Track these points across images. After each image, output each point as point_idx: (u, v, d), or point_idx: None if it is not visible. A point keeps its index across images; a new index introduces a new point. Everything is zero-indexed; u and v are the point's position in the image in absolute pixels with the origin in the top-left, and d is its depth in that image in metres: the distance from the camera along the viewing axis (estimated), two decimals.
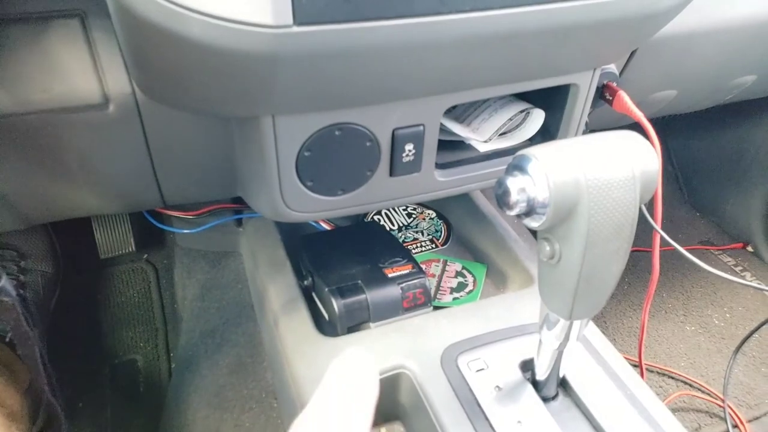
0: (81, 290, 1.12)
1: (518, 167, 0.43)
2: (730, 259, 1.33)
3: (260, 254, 0.74)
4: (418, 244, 0.80)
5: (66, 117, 0.49)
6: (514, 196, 0.42)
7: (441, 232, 0.82)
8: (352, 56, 0.42)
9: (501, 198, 0.43)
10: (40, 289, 0.98)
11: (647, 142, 0.44)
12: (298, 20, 0.38)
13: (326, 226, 0.80)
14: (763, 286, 0.74)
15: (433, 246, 0.80)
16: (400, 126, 0.52)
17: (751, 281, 1.26)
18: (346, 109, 0.49)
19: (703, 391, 1.01)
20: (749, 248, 1.35)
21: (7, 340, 0.81)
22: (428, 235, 0.82)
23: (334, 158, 0.52)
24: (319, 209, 0.56)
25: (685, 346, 1.11)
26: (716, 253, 1.35)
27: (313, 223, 0.80)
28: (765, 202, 1.31)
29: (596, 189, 0.41)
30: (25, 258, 0.96)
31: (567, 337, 0.50)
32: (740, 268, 1.30)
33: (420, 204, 0.87)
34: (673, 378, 1.04)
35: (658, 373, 1.05)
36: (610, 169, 0.41)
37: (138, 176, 0.57)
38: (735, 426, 0.94)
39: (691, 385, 1.02)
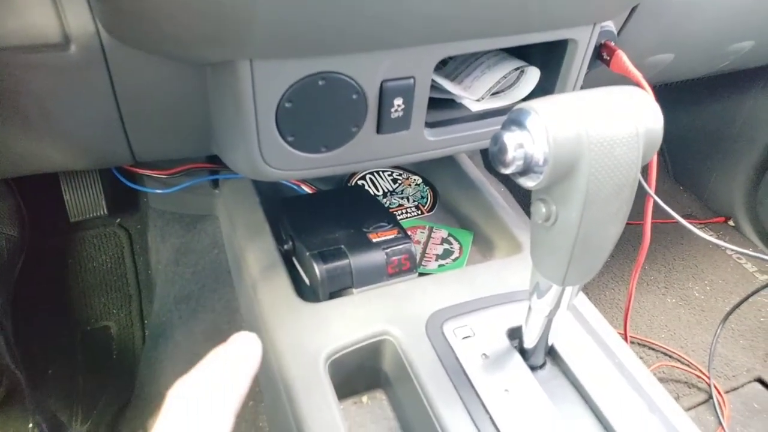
0: (50, 255, 1.07)
1: (516, 122, 0.40)
2: (712, 232, 1.34)
3: (238, 217, 0.70)
4: (404, 210, 0.77)
5: (22, 57, 0.44)
6: (511, 153, 0.39)
7: (427, 199, 0.79)
8: None
9: (497, 155, 0.40)
10: (4, 253, 0.94)
11: (652, 98, 0.42)
12: None
13: (308, 189, 0.77)
14: (745, 251, 0.73)
15: (419, 212, 0.77)
16: (389, 78, 0.49)
17: (731, 254, 1.27)
18: (331, 56, 0.45)
19: (682, 362, 1.01)
20: (731, 222, 1.35)
21: None
22: (414, 201, 0.79)
23: (317, 111, 0.49)
24: (301, 167, 0.52)
25: (666, 317, 1.11)
26: (698, 226, 1.35)
27: (294, 186, 0.77)
28: (747, 177, 1.31)
29: (598, 146, 0.39)
30: None
31: (558, 305, 0.49)
32: (721, 241, 1.30)
33: (406, 169, 0.84)
34: (653, 349, 1.04)
35: (639, 344, 1.05)
36: (614, 126, 0.39)
37: (105, 128, 0.52)
38: (711, 396, 0.95)
39: (671, 356, 1.03)
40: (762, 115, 1.25)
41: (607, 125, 0.39)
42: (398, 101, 0.51)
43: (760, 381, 0.99)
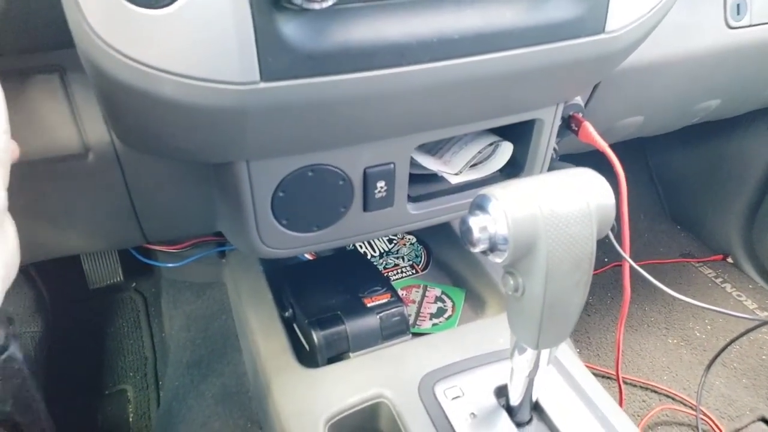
0: (70, 322, 1.13)
1: (479, 206, 0.45)
2: (710, 270, 1.36)
3: (242, 285, 0.75)
4: (399, 270, 0.82)
5: (48, 167, 0.51)
6: (476, 234, 0.44)
7: (421, 258, 0.84)
8: (318, 107, 0.44)
9: (465, 235, 0.45)
10: (31, 352, 0.97)
11: (602, 177, 0.47)
12: (264, 77, 0.40)
13: (308, 256, 0.82)
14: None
15: (414, 272, 0.82)
16: (371, 165, 0.55)
17: (731, 292, 1.29)
18: (317, 152, 0.51)
19: (685, 405, 1.02)
20: (729, 260, 1.37)
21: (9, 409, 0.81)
22: (409, 260, 0.84)
23: (308, 197, 0.55)
24: (295, 245, 0.58)
25: (668, 359, 1.13)
26: (697, 265, 1.37)
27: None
28: (742, 215, 1.34)
29: (553, 225, 0.43)
30: (12, 323, 0.95)
31: (537, 365, 0.52)
32: (720, 279, 1.33)
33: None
34: (655, 392, 1.06)
35: (641, 387, 1.07)
36: (566, 205, 0.44)
37: (119, 218, 0.58)
38: None
39: (673, 399, 1.04)
40: (748, 155, 1.29)
41: (560, 205, 0.44)
42: (381, 183, 0.56)
43: (764, 420, 1.00)
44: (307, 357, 0.66)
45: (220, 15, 0.37)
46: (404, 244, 0.86)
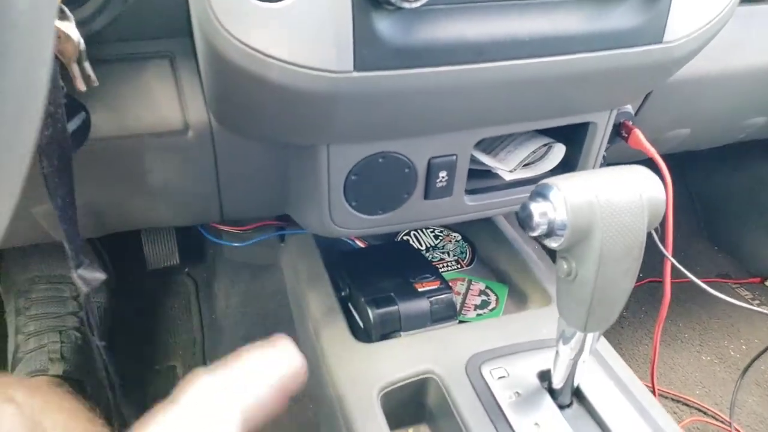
0: (128, 298, 1.20)
1: (541, 194, 0.49)
2: (747, 292, 1.36)
3: (301, 267, 0.81)
4: (445, 264, 0.86)
5: (152, 141, 0.57)
6: (536, 219, 0.48)
7: (466, 254, 0.88)
8: (401, 97, 0.49)
9: (524, 221, 0.50)
10: (96, 320, 1.04)
11: (655, 175, 0.51)
12: (357, 67, 0.45)
13: (360, 244, 0.87)
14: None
15: (459, 266, 0.86)
16: (435, 155, 0.60)
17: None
18: (390, 140, 0.57)
19: (716, 419, 1.03)
20: (767, 283, 1.38)
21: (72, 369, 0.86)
22: (454, 255, 0.88)
23: (376, 182, 0.60)
24: (361, 226, 0.63)
25: (701, 374, 1.14)
26: (734, 286, 1.38)
27: (349, 241, 0.87)
28: None
29: (608, 214, 0.47)
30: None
31: (581, 349, 0.56)
32: (757, 301, 1.33)
33: (446, 227, 0.94)
34: (687, 405, 1.07)
35: (672, 399, 1.08)
36: (621, 196, 0.48)
37: (205, 194, 0.65)
38: None
39: (705, 413, 1.05)
40: None
41: (616, 196, 0.48)
42: (443, 174, 0.61)
43: None
44: (361, 334, 0.70)
45: (325, 11, 0.43)
46: (450, 241, 0.91)
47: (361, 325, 0.71)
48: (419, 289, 0.72)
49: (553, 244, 0.50)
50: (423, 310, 0.70)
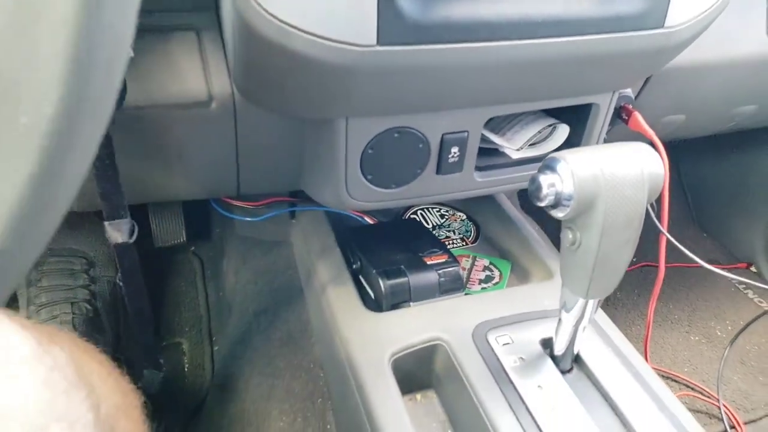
0: None
1: (549, 167, 0.52)
2: (734, 277, 1.41)
3: (312, 241, 0.84)
4: (450, 242, 0.90)
5: (177, 112, 0.60)
6: (544, 190, 0.52)
7: (471, 232, 0.92)
8: (419, 72, 0.52)
9: (533, 192, 0.53)
10: (107, 296, 1.07)
11: (655, 151, 0.54)
12: (380, 41, 0.48)
13: (369, 221, 0.90)
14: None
15: (464, 244, 0.90)
16: (448, 131, 0.63)
17: (752, 298, 1.34)
18: (406, 115, 0.60)
19: (703, 394, 1.08)
20: (752, 269, 1.43)
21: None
22: (459, 234, 0.91)
23: (391, 156, 0.63)
24: (375, 199, 0.66)
25: (689, 353, 1.19)
26: (722, 271, 1.43)
27: (358, 218, 0.91)
28: (767, 225, 1.39)
29: (612, 186, 0.51)
30: (93, 266, 1.05)
31: (582, 316, 0.60)
32: (743, 286, 1.38)
33: (452, 206, 0.97)
34: (676, 381, 1.12)
35: (663, 375, 1.13)
36: (624, 170, 0.51)
37: (224, 167, 0.67)
38: (732, 427, 1.02)
39: (692, 388, 1.10)
40: None
41: (619, 169, 0.51)
42: (455, 149, 0.64)
43: None
44: (371, 304, 0.74)
45: None
46: (455, 220, 0.94)
47: (372, 295, 0.75)
48: (428, 263, 0.75)
49: (559, 214, 0.53)
50: (431, 282, 0.73)
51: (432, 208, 0.95)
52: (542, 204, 0.53)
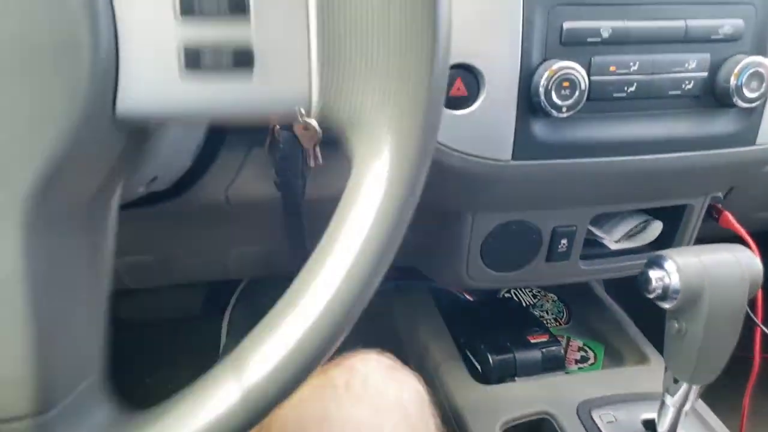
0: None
1: (658, 263, 0.60)
2: None
3: (419, 319, 0.93)
4: (545, 321, 0.97)
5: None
6: (653, 284, 0.59)
7: (563, 313, 0.98)
8: (542, 180, 0.63)
9: (643, 284, 0.61)
10: None
11: (753, 254, 0.61)
12: (514, 158, 0.60)
13: (468, 298, 0.99)
14: None
15: (557, 324, 0.97)
16: (559, 225, 0.72)
17: None
18: (524, 211, 0.70)
19: None
20: None
21: None
22: (552, 314, 0.98)
23: (507, 244, 0.73)
24: (490, 281, 0.76)
25: None
26: None
27: (459, 295, 1.00)
28: None
29: (715, 282, 0.58)
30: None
31: (686, 399, 0.65)
32: None
33: (543, 288, 1.05)
34: None
35: None
36: (726, 268, 0.58)
37: None
38: None
39: None
40: None
41: (722, 267, 0.58)
42: (564, 241, 0.73)
43: None
44: (478, 377, 0.81)
45: (495, 117, 0.58)
46: (547, 300, 1.01)
47: (479, 369, 0.82)
48: (531, 341, 0.82)
49: (666, 305, 0.61)
50: (535, 359, 0.80)
51: (525, 288, 1.03)
52: (651, 296, 0.60)
